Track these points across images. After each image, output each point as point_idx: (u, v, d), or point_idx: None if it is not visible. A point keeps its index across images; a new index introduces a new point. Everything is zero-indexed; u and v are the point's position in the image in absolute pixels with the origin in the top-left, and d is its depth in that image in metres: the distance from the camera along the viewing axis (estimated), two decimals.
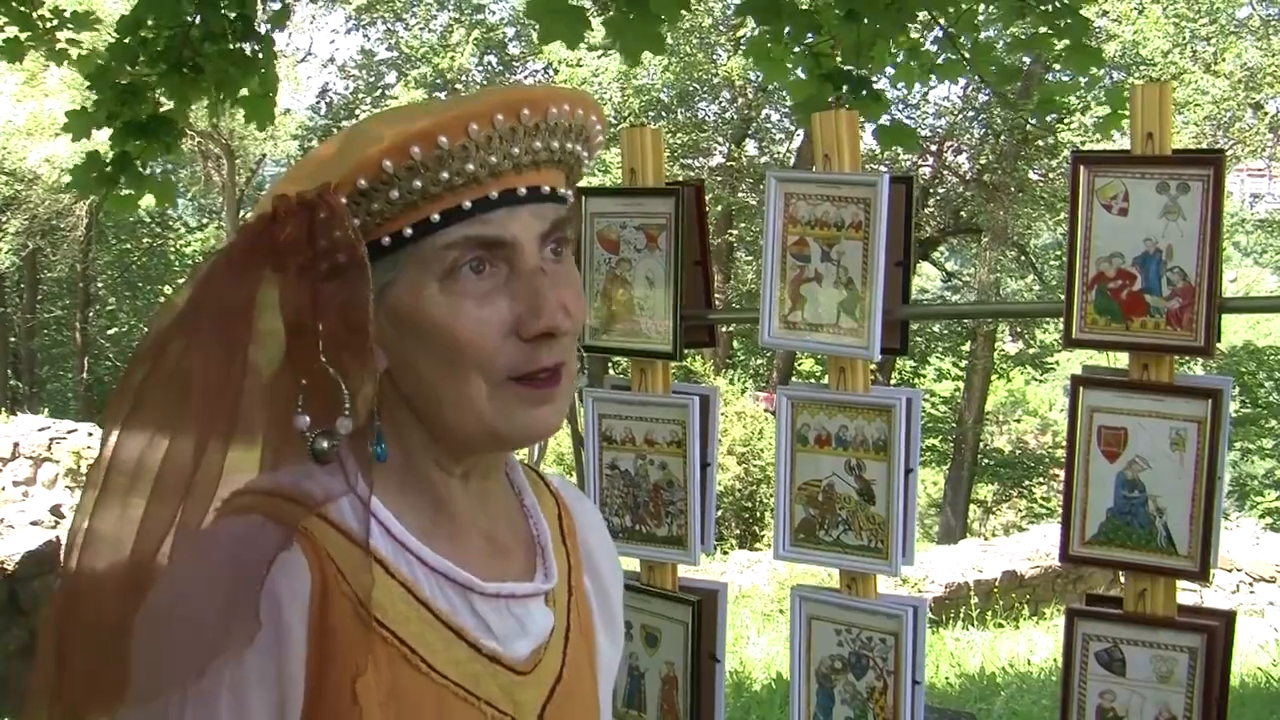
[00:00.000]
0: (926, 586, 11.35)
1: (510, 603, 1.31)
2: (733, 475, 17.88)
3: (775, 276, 2.71)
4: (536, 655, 1.32)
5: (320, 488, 1.22)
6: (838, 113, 2.68)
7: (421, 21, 26.32)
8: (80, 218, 24.59)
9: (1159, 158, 2.35)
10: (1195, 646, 2.37)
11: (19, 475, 14.08)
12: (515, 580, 1.33)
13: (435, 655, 1.24)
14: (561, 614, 1.38)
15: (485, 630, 1.28)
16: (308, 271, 1.20)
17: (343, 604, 1.19)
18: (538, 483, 1.46)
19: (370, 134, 1.22)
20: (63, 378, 29.30)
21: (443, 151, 1.19)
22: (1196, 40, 20.94)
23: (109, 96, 5.85)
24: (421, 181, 1.19)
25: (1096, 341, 2.46)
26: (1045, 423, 30.22)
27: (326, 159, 1.24)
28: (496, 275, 1.23)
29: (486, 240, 1.22)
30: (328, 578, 1.19)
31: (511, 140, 1.21)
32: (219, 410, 1.21)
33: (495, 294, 1.23)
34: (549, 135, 1.24)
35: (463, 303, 1.21)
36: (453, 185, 1.20)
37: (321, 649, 1.18)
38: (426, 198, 1.20)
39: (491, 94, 1.22)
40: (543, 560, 1.38)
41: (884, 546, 2.63)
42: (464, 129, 1.19)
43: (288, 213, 1.19)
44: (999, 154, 21.79)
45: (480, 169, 1.21)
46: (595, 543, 1.51)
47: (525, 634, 1.32)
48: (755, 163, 23.94)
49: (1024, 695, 8.18)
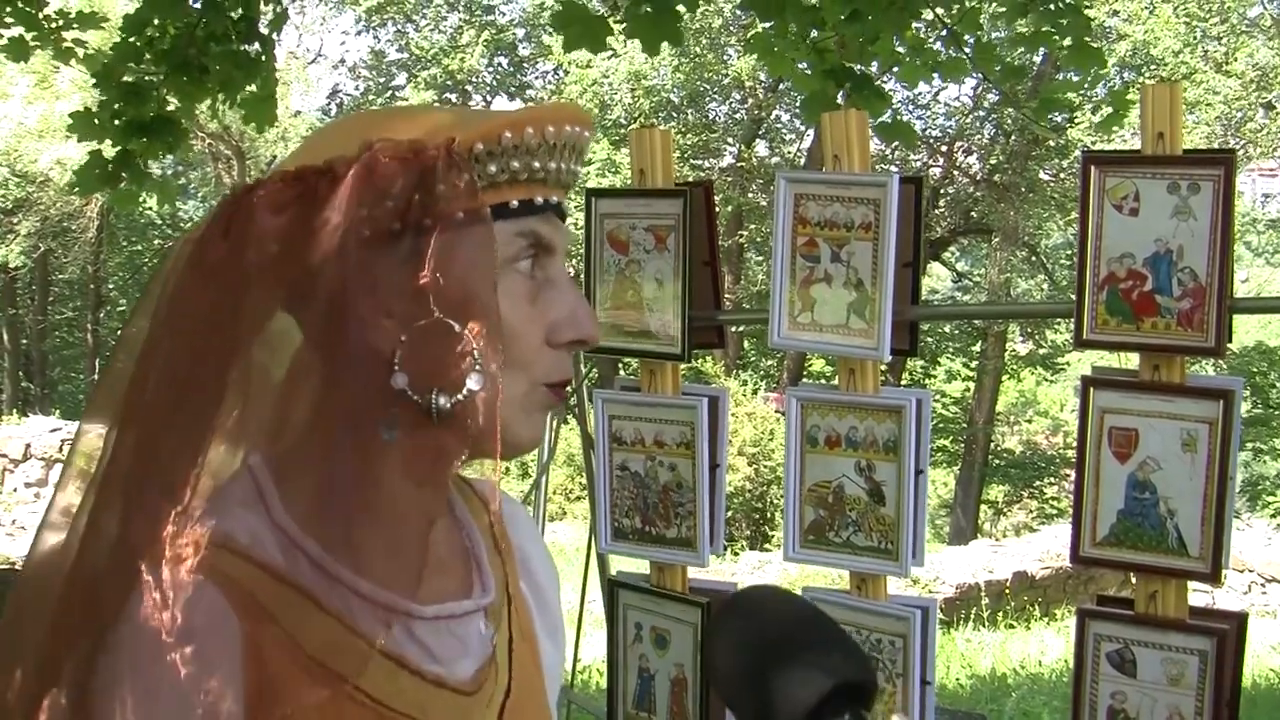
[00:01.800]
0: (937, 587, 11.33)
1: (450, 623, 1.24)
2: (743, 476, 17.87)
3: (785, 277, 2.70)
4: (482, 674, 1.26)
5: (242, 526, 1.15)
6: (847, 113, 2.68)
7: (432, 23, 26.34)
8: (91, 219, 24.66)
9: (1169, 158, 2.34)
10: (1206, 649, 2.36)
11: (30, 476, 14.12)
12: (454, 599, 1.26)
13: (378, 688, 1.17)
14: (504, 626, 1.32)
15: (427, 655, 1.22)
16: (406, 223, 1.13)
17: (275, 649, 1.12)
18: (465, 490, 1.40)
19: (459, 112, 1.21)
20: (74, 379, 29.36)
21: (542, 141, 1.18)
22: (1208, 40, 20.89)
23: (113, 96, 5.88)
24: (519, 163, 1.17)
25: (1107, 342, 2.45)
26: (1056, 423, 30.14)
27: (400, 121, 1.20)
28: (538, 278, 1.21)
29: (543, 241, 1.20)
30: (260, 627, 1.12)
31: (570, 154, 1.22)
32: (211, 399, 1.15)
33: (537, 295, 1.21)
34: (580, 155, 1.24)
35: (516, 297, 1.19)
36: (536, 178, 1.19)
37: (259, 696, 1.11)
38: (513, 182, 1.18)
39: (548, 107, 1.21)
40: (479, 574, 1.32)
41: (894, 548, 2.63)
42: (551, 127, 1.18)
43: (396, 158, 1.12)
44: (1009, 154, 21.75)
45: (555, 170, 1.20)
46: (529, 546, 1.45)
47: (469, 653, 1.25)
48: (765, 163, 23.91)
49: (1035, 696, 8.17)
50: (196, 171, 26.10)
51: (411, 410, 1.13)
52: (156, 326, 1.17)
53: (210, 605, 1.10)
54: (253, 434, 1.19)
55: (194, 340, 1.15)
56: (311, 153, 1.17)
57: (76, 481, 1.18)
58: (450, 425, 1.13)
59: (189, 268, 1.17)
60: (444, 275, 1.12)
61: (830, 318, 2.66)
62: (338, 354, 1.13)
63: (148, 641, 1.08)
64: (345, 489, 1.13)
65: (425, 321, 1.12)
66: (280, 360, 1.18)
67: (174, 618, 1.08)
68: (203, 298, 1.16)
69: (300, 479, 1.16)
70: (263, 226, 1.14)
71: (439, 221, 1.12)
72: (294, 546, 1.15)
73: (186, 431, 1.15)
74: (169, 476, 1.13)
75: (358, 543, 1.14)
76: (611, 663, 3.04)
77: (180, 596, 1.09)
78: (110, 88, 5.90)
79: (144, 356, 1.17)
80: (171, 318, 1.17)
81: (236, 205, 1.16)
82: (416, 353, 1.12)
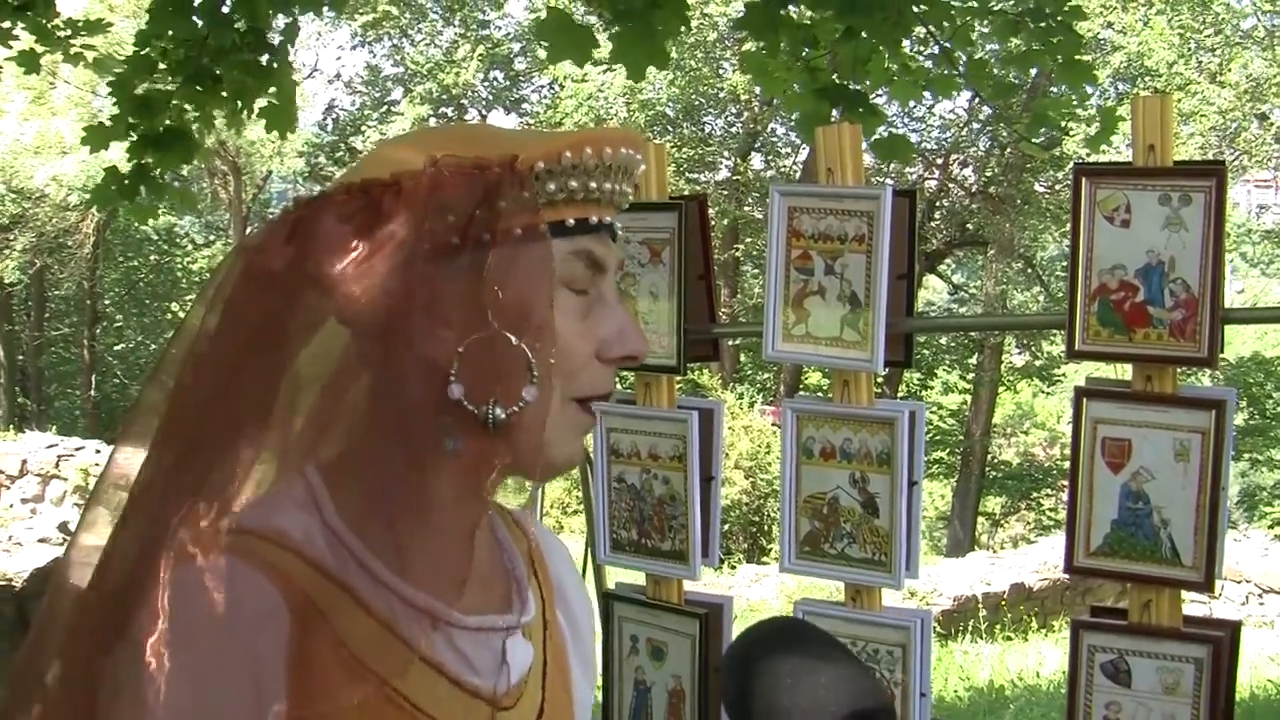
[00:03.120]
0: (934, 599, 11.33)
1: (490, 636, 1.27)
2: (740, 489, 17.88)
3: (779, 290, 2.71)
4: (518, 689, 1.29)
5: (296, 525, 1.18)
6: (841, 127, 2.69)
7: (427, 38, 26.38)
8: (87, 235, 24.66)
9: (1160, 169, 2.35)
10: (1201, 657, 2.37)
11: (27, 493, 14.10)
12: (494, 613, 1.29)
13: (416, 693, 1.20)
14: (539, 647, 1.35)
15: (466, 665, 1.24)
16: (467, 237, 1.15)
17: (321, 644, 1.15)
18: (505, 516, 1.43)
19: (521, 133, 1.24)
20: (70, 395, 29.32)
21: (600, 162, 1.20)
22: (1202, 51, 20.93)
23: (126, 109, 5.92)
24: (577, 183, 1.19)
25: (1099, 353, 2.46)
26: (1053, 435, 30.13)
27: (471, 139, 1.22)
28: (589, 295, 1.24)
29: (596, 259, 1.23)
30: (306, 619, 1.14)
31: (624, 176, 1.24)
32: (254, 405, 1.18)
33: (588, 312, 1.23)
34: (631, 177, 1.27)
35: (568, 313, 1.22)
36: (592, 197, 1.21)
37: (301, 690, 1.13)
38: (571, 201, 1.20)
39: (600, 130, 1.25)
40: (519, 593, 1.35)
41: (888, 559, 2.63)
42: (609, 149, 1.21)
43: (461, 174, 1.15)
44: (1004, 166, 21.80)
45: (609, 191, 1.23)
46: (566, 577, 1.49)
47: (505, 668, 1.28)
48: (761, 177, 23.96)
49: (1033, 708, 8.17)
50: (193, 186, 26.09)
51: (467, 420, 1.15)
52: (206, 336, 1.19)
53: (259, 592, 1.13)
54: (301, 441, 1.21)
55: (246, 347, 1.18)
56: (376, 166, 1.20)
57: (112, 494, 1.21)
58: (504, 436, 1.16)
59: (244, 278, 1.20)
60: (502, 289, 1.14)
61: (824, 330, 2.67)
62: (394, 363, 1.16)
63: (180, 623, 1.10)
64: (396, 496, 1.17)
65: (483, 334, 1.14)
66: (326, 369, 1.21)
67: (215, 601, 1.11)
68: (258, 306, 1.19)
69: (353, 484, 1.19)
70: (327, 236, 1.17)
71: (499, 237, 1.15)
72: (344, 548, 1.18)
73: (232, 438, 1.18)
74: (211, 479, 1.16)
75: (405, 548, 1.18)
76: (606, 675, 3.05)
77: (220, 581, 1.12)
78: (124, 101, 5.94)
79: (193, 366, 1.20)
80: (226, 327, 1.19)
81: (300, 215, 1.19)
82: (473, 364, 1.15)
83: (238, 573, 1.12)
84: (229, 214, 25.97)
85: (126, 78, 5.95)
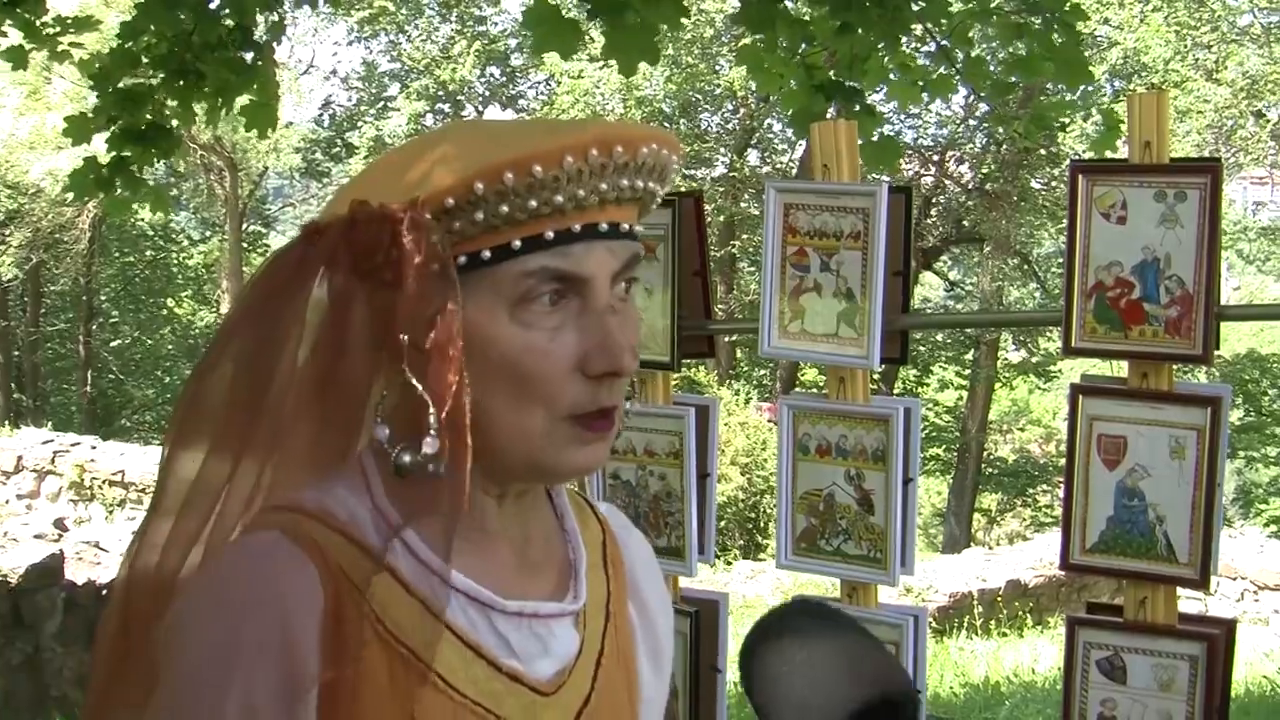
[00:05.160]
0: (930, 596, 11.33)
1: (533, 621, 1.28)
2: (736, 486, 17.86)
3: (774, 286, 2.71)
4: (561, 677, 1.30)
5: (342, 506, 1.23)
6: (836, 123, 2.69)
7: (423, 34, 26.36)
8: (83, 231, 24.63)
9: (1156, 166, 2.35)
10: (1196, 655, 2.37)
11: (22, 488, 14.11)
12: (541, 599, 1.30)
13: (453, 673, 1.23)
14: (595, 638, 1.35)
15: (506, 649, 1.26)
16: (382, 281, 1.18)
17: (358, 621, 1.19)
18: (583, 508, 1.44)
19: (458, 151, 1.21)
20: (66, 391, 29.29)
21: (534, 180, 1.17)
22: (1198, 48, 20.94)
23: (109, 102, 5.91)
24: (509, 207, 1.17)
25: (1095, 350, 2.46)
26: (1049, 431, 30.16)
27: (406, 168, 1.23)
28: (568, 309, 1.21)
29: (563, 273, 1.20)
30: (341, 594, 1.19)
31: (601, 176, 1.20)
32: (257, 423, 1.23)
33: (565, 328, 1.21)
34: (635, 173, 1.23)
35: (533, 333, 1.20)
36: (539, 214, 1.18)
37: (334, 664, 1.18)
38: (510, 223, 1.18)
39: (588, 127, 1.21)
40: (574, 581, 1.35)
41: (883, 556, 2.63)
42: (559, 160, 1.17)
43: (369, 219, 1.18)
44: (1001, 163, 21.80)
45: (567, 201, 1.19)
46: (641, 571, 1.47)
47: (549, 654, 1.29)
48: (758, 173, 23.94)
49: (1028, 705, 8.17)
50: (189, 183, 26.06)
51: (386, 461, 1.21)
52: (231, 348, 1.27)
53: (296, 566, 1.18)
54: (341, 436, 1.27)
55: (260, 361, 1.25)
56: (339, 203, 1.25)
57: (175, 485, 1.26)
58: (415, 483, 1.20)
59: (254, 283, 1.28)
60: (410, 333, 1.17)
61: (820, 327, 2.66)
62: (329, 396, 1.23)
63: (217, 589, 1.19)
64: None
65: (399, 379, 1.18)
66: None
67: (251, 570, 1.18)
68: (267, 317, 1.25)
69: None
70: (284, 273, 1.24)
71: (402, 280, 1.17)
72: (390, 529, 1.22)
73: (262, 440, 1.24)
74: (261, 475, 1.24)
75: (446, 532, 1.21)
76: None
77: (261, 554, 1.19)
78: (106, 94, 5.93)
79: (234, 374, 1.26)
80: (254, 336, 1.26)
81: (283, 248, 1.27)
82: (392, 408, 1.21)
83: (280, 547, 1.18)
84: (225, 210, 25.92)
85: (108, 71, 5.95)
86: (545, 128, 1.25)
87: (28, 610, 6.53)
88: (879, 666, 1.14)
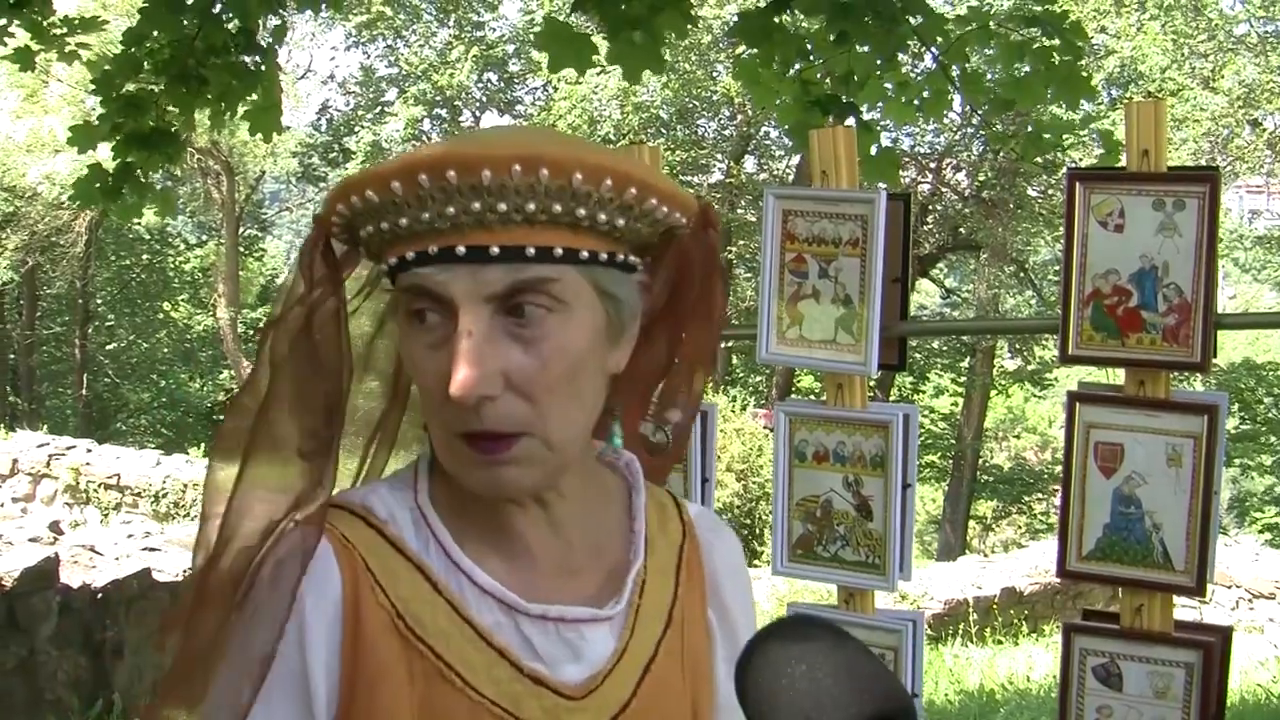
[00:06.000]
0: (926, 603, 11.32)
1: (561, 626, 1.28)
2: (731, 492, 17.85)
3: (773, 293, 2.71)
4: (593, 682, 1.28)
5: (383, 504, 1.29)
6: (835, 130, 2.69)
7: (421, 39, 26.36)
8: (79, 234, 24.60)
9: (1154, 175, 2.36)
10: (1192, 662, 2.37)
11: (18, 492, 14.09)
12: (577, 604, 1.29)
13: (474, 673, 1.24)
14: (646, 645, 1.33)
15: (530, 652, 1.26)
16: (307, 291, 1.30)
17: (378, 614, 1.23)
18: (666, 510, 1.41)
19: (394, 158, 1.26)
20: (62, 394, 29.24)
21: (397, 198, 1.18)
22: (1195, 57, 20.99)
23: (112, 108, 5.90)
24: (387, 223, 1.20)
25: (1092, 358, 2.46)
26: (1045, 439, 30.19)
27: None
28: (445, 328, 1.19)
29: (425, 292, 1.19)
30: (360, 587, 1.23)
31: (444, 200, 1.17)
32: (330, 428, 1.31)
33: (441, 348, 1.19)
34: (494, 196, 1.16)
35: (418, 349, 1.21)
36: (413, 231, 1.19)
37: (353, 656, 1.22)
38: (396, 238, 1.21)
39: (433, 149, 1.18)
40: (620, 587, 1.33)
41: (881, 562, 2.63)
42: (414, 179, 1.17)
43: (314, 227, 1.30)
44: (998, 170, 21.80)
45: (420, 223, 1.18)
46: (726, 577, 1.44)
47: (578, 659, 1.28)
48: (754, 179, 23.95)
49: (1023, 712, 8.17)
50: (186, 186, 26.04)
51: None
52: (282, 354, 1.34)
53: (322, 561, 1.24)
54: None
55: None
56: None
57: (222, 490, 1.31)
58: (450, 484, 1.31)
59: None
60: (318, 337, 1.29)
61: (818, 333, 2.66)
62: None
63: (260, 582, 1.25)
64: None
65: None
66: None
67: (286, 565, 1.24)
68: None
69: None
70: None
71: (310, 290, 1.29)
72: (427, 529, 1.28)
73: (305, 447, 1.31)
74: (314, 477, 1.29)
75: (479, 536, 1.29)
76: None
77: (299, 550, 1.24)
78: (110, 100, 5.93)
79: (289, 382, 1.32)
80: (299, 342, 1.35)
81: None
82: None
83: (307, 536, 1.25)
84: (221, 214, 25.90)
85: (111, 76, 5.94)
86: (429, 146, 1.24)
87: (22, 613, 6.51)
88: (879, 680, 1.14)
